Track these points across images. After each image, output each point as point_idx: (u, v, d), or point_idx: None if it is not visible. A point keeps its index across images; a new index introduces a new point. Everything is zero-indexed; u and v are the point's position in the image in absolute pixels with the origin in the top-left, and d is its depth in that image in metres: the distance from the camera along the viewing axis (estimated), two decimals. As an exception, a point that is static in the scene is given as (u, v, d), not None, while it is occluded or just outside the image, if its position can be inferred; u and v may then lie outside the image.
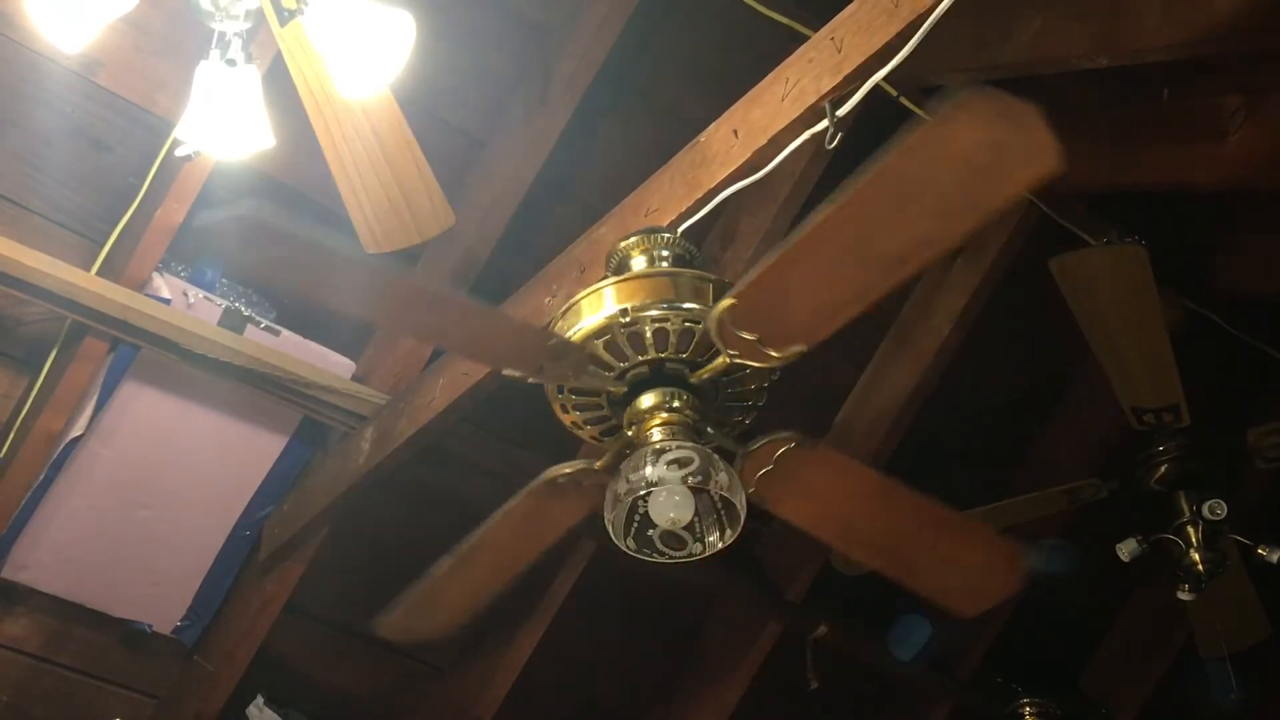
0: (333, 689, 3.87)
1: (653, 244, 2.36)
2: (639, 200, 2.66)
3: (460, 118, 3.34)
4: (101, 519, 3.36)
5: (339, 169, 2.66)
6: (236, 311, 3.18)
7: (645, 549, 2.21)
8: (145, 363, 3.20)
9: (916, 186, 1.80)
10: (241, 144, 2.50)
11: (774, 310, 2.04)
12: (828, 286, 1.97)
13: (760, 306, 2.05)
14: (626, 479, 2.14)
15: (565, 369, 2.19)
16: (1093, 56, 2.79)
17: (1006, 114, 1.68)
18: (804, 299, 2.00)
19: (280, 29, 2.46)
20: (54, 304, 3.03)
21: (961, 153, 1.74)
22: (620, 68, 3.30)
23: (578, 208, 3.08)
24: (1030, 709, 4.41)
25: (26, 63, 2.95)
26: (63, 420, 3.19)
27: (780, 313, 2.04)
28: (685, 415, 2.22)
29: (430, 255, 3.30)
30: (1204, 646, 4.03)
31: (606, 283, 2.23)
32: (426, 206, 2.75)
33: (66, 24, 2.32)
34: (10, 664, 3.47)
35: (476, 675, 3.96)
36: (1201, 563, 3.48)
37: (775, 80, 2.44)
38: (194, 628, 3.57)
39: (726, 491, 2.14)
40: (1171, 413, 3.47)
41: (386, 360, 3.40)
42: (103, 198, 3.12)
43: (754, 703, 4.25)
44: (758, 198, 3.35)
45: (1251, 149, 3.20)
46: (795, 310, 2.03)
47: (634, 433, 2.23)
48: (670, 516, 2.11)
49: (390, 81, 2.50)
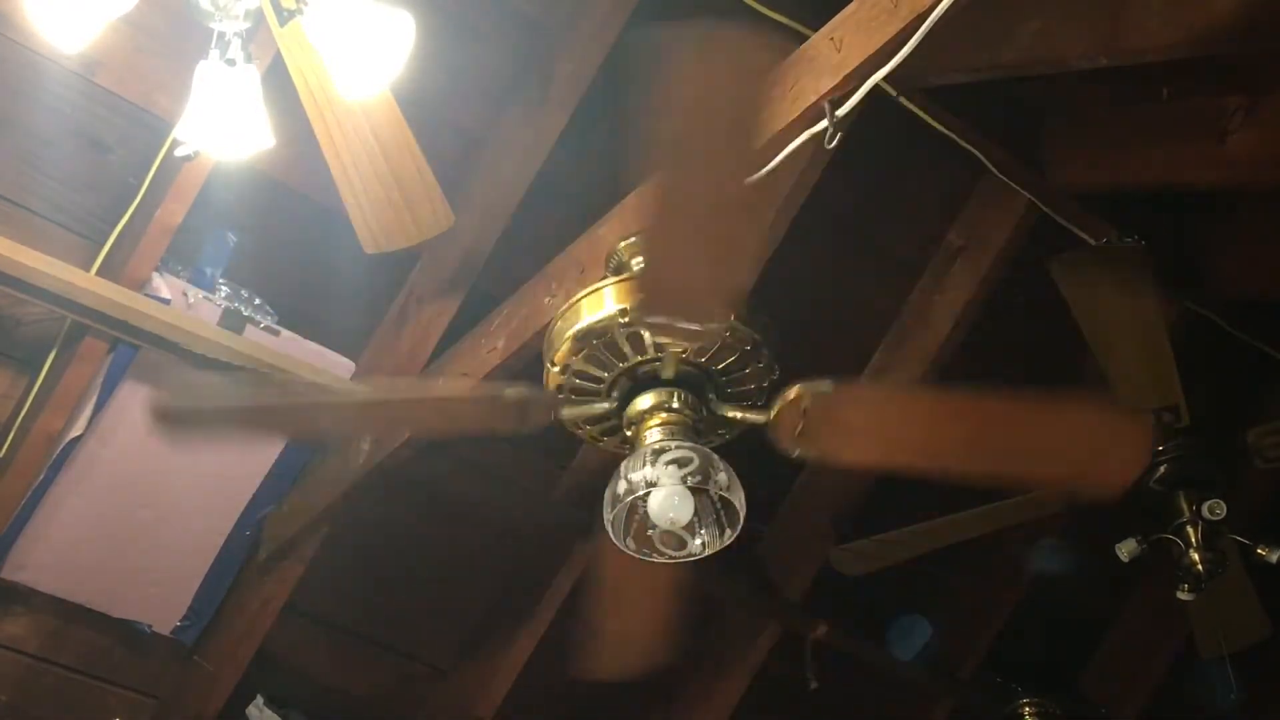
0: (333, 689, 3.87)
1: (652, 244, 2.36)
2: (639, 200, 2.66)
3: (460, 118, 3.34)
4: (101, 519, 3.36)
5: (339, 169, 2.66)
6: (236, 312, 3.18)
7: (645, 549, 2.21)
8: (145, 363, 3.20)
9: (719, 119, 1.77)
10: (241, 144, 2.50)
11: (674, 287, 2.04)
12: (705, 243, 1.95)
13: (662, 288, 2.05)
14: (626, 479, 2.14)
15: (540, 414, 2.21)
16: (1093, 56, 2.79)
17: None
18: (691, 263, 1.99)
19: (280, 29, 2.46)
20: (54, 304, 3.03)
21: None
22: (620, 68, 3.30)
23: (577, 208, 3.07)
24: (1030, 709, 4.41)
25: (26, 63, 2.95)
26: (62, 420, 3.19)
27: (680, 286, 2.04)
28: (684, 415, 2.22)
29: (430, 255, 3.30)
30: (1204, 646, 4.02)
31: (606, 283, 2.24)
32: (426, 206, 2.75)
33: (66, 24, 2.32)
34: (10, 664, 3.47)
35: (476, 675, 3.96)
36: (1201, 563, 3.48)
37: (775, 80, 2.44)
38: (194, 628, 3.57)
39: (726, 491, 2.14)
40: (1171, 413, 3.47)
41: (386, 360, 3.39)
42: (102, 198, 3.12)
43: (754, 703, 4.25)
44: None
45: (1251, 149, 3.20)
46: (691, 278, 2.02)
47: (633, 433, 2.24)
48: (670, 516, 2.11)
49: (390, 81, 2.50)
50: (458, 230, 2.97)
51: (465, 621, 3.96)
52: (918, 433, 2.27)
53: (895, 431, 2.28)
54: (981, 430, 2.27)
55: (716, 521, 2.19)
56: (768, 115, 1.73)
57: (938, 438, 2.28)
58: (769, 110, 1.72)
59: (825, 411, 2.21)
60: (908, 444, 2.30)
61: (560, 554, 3.83)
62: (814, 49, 2.38)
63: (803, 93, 2.37)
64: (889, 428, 2.28)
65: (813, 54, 2.37)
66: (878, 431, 2.28)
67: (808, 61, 2.38)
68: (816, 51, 2.37)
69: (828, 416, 2.21)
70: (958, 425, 2.26)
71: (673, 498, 2.10)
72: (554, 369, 2.28)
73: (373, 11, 2.36)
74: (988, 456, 2.31)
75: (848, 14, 2.33)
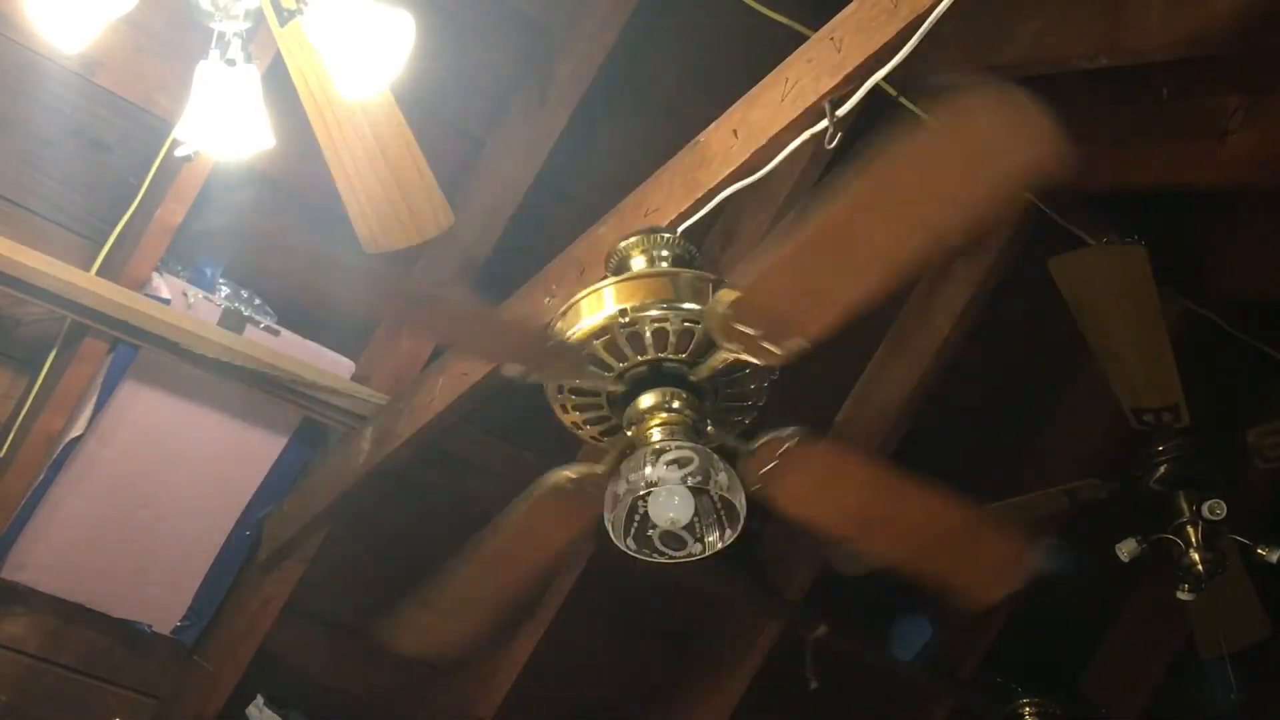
0: (333, 689, 3.87)
1: (652, 244, 2.36)
2: (639, 200, 2.66)
3: (460, 118, 3.34)
4: (101, 519, 3.36)
5: (338, 169, 2.66)
6: (236, 311, 3.18)
7: (645, 549, 2.21)
8: (145, 363, 3.20)
9: (919, 182, 1.80)
10: (241, 144, 2.50)
11: (776, 306, 2.04)
12: (830, 283, 1.97)
13: (762, 302, 2.04)
14: (626, 479, 2.14)
15: (564, 367, 2.19)
16: (1093, 56, 2.79)
17: (1010, 110, 1.68)
18: (806, 295, 2.00)
19: (280, 29, 2.45)
20: (54, 304, 3.03)
21: (964, 148, 1.74)
22: (620, 68, 3.30)
23: (577, 208, 3.07)
24: (1030, 709, 4.41)
25: (26, 63, 2.95)
26: (62, 420, 3.19)
27: (782, 308, 2.03)
28: (685, 415, 2.22)
29: (430, 255, 3.30)
30: (1204, 646, 4.02)
31: (606, 283, 2.23)
32: (426, 206, 2.75)
33: (66, 24, 2.32)
34: (10, 664, 3.47)
35: (476, 675, 3.96)
36: (1201, 563, 3.48)
37: (775, 80, 2.44)
38: (194, 628, 3.57)
39: (726, 491, 2.14)
40: (1171, 413, 3.47)
41: (386, 360, 3.40)
42: (102, 198, 3.12)
43: (754, 703, 4.25)
44: (758, 198, 3.35)
45: (1251, 149, 3.20)
46: (797, 306, 2.02)
47: (634, 433, 2.23)
48: (670, 516, 2.11)
49: (390, 81, 2.50)
50: (458, 230, 2.97)
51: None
52: (860, 505, 2.34)
53: (845, 502, 2.34)
54: (906, 520, 2.34)
55: (717, 521, 2.18)
56: (976, 194, 1.76)
57: (874, 519, 2.35)
58: (980, 188, 1.75)
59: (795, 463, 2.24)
60: (848, 516, 2.37)
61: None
62: (814, 49, 2.38)
63: (802, 93, 2.37)
64: (839, 496, 2.33)
65: (812, 54, 2.37)
66: (827, 495, 2.33)
67: (807, 61, 2.38)
68: (816, 51, 2.37)
69: (796, 469, 2.24)
70: (898, 508, 2.33)
71: (673, 498, 2.10)
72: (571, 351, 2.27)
73: (373, 11, 2.36)
74: (902, 549, 2.40)
75: (848, 14, 2.33)
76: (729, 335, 2.09)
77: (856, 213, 1.87)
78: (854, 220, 1.88)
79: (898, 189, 1.82)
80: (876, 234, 1.88)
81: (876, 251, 1.90)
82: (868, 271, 1.93)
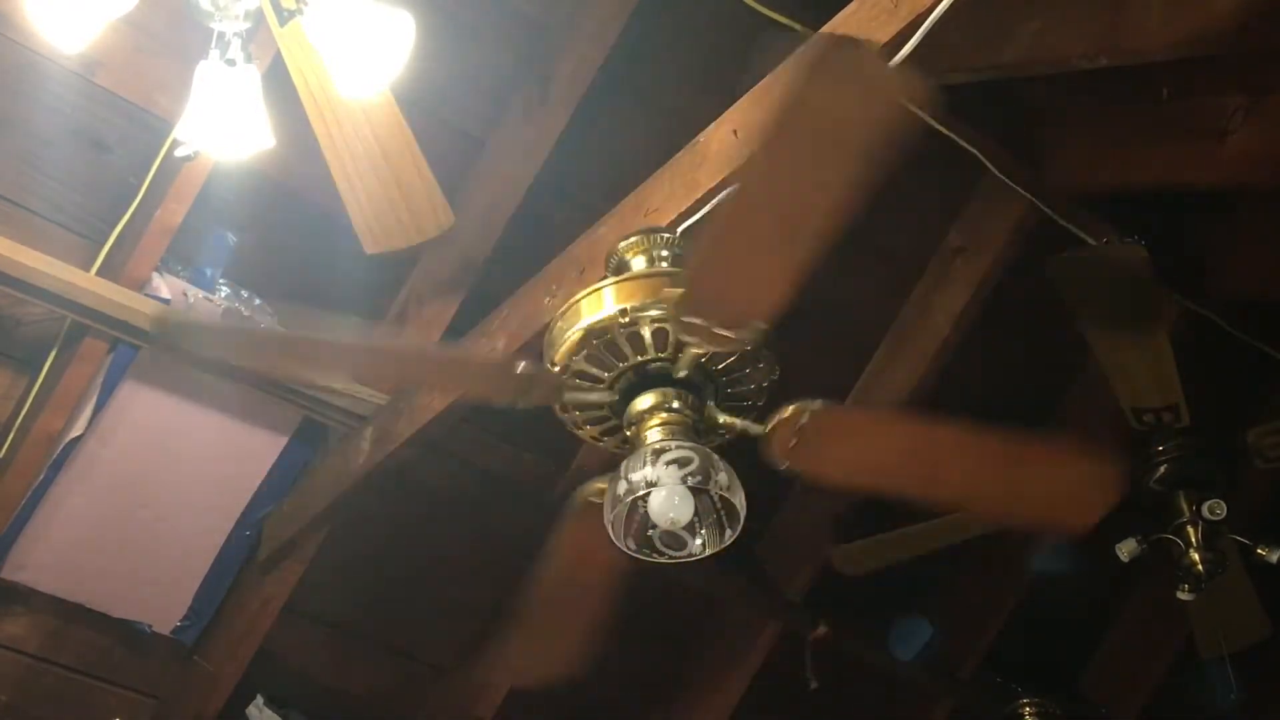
0: (333, 689, 3.87)
1: (652, 244, 2.36)
2: (639, 200, 2.66)
3: (460, 118, 3.34)
4: (101, 519, 3.36)
5: (339, 169, 2.66)
6: (236, 311, 3.18)
7: (645, 549, 2.21)
8: (145, 363, 3.20)
9: (818, 134, 1.78)
10: (241, 144, 2.50)
11: (720, 293, 2.03)
12: (763, 260, 1.95)
13: (705, 292, 2.04)
14: (626, 479, 2.14)
15: (541, 395, 2.21)
16: (1093, 56, 2.79)
17: (840, 57, 1.69)
18: (744, 275, 1.99)
19: (280, 29, 2.46)
20: (54, 304, 3.03)
21: (832, 101, 1.73)
22: (620, 68, 3.30)
23: (577, 208, 3.07)
24: (1030, 709, 4.40)
25: (26, 63, 2.95)
26: (62, 420, 3.19)
27: (726, 294, 2.03)
28: (684, 415, 2.22)
29: (429, 255, 3.30)
30: (1204, 646, 4.02)
31: (606, 283, 2.23)
32: (426, 206, 2.75)
33: (66, 24, 2.32)
34: (10, 664, 3.47)
35: (476, 675, 3.96)
36: (1201, 563, 3.48)
37: (775, 80, 2.43)
38: (194, 628, 3.57)
39: (726, 491, 2.14)
40: (1171, 412, 3.47)
41: (386, 360, 3.39)
42: (102, 198, 3.12)
43: (754, 703, 4.25)
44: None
45: (1251, 149, 3.20)
46: (739, 288, 2.01)
47: (633, 433, 2.24)
48: (670, 516, 2.11)
49: (390, 81, 2.50)
50: (458, 230, 2.97)
51: (465, 621, 3.96)
52: (898, 460, 2.30)
53: (878, 457, 2.30)
54: (959, 463, 2.30)
55: (717, 521, 2.18)
56: (872, 141, 1.74)
57: (917, 466, 2.30)
58: (875, 137, 1.73)
59: (818, 431, 2.22)
60: (889, 470, 2.32)
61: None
62: (814, 49, 2.37)
63: (803, 93, 2.36)
64: (873, 452, 2.30)
65: (813, 54, 2.37)
66: (862, 455, 2.30)
67: (807, 61, 2.37)
68: (816, 52, 2.36)
69: (820, 436, 2.22)
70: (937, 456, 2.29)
71: (673, 498, 2.10)
72: (554, 369, 2.28)
73: (373, 11, 2.36)
74: (962, 489, 2.36)
75: (848, 14, 2.33)
76: (687, 330, 2.10)
77: (764, 187, 1.86)
78: (767, 193, 1.86)
79: (793, 152, 1.80)
80: (791, 200, 1.86)
81: (798, 216, 1.88)
82: (796, 238, 1.92)
